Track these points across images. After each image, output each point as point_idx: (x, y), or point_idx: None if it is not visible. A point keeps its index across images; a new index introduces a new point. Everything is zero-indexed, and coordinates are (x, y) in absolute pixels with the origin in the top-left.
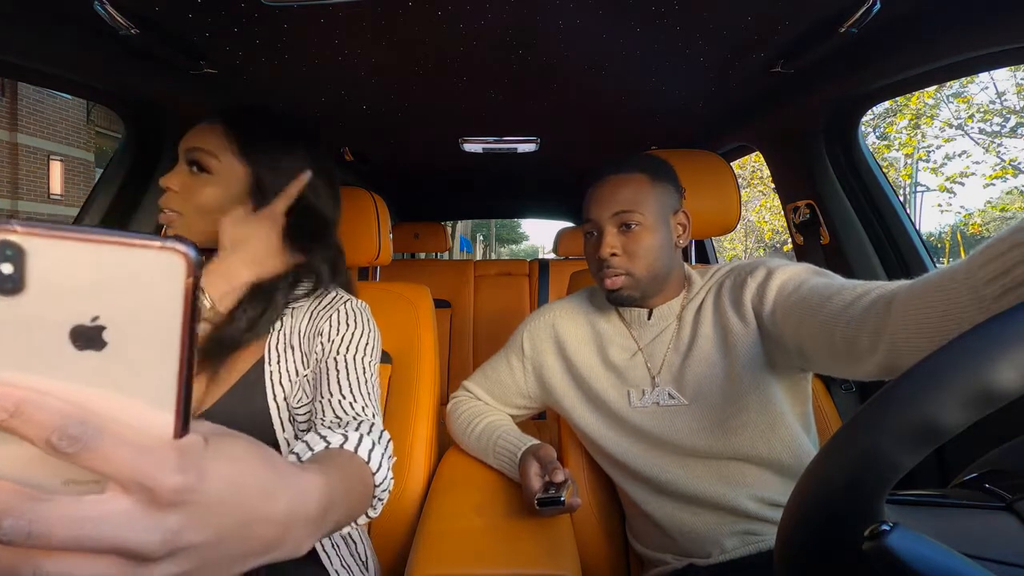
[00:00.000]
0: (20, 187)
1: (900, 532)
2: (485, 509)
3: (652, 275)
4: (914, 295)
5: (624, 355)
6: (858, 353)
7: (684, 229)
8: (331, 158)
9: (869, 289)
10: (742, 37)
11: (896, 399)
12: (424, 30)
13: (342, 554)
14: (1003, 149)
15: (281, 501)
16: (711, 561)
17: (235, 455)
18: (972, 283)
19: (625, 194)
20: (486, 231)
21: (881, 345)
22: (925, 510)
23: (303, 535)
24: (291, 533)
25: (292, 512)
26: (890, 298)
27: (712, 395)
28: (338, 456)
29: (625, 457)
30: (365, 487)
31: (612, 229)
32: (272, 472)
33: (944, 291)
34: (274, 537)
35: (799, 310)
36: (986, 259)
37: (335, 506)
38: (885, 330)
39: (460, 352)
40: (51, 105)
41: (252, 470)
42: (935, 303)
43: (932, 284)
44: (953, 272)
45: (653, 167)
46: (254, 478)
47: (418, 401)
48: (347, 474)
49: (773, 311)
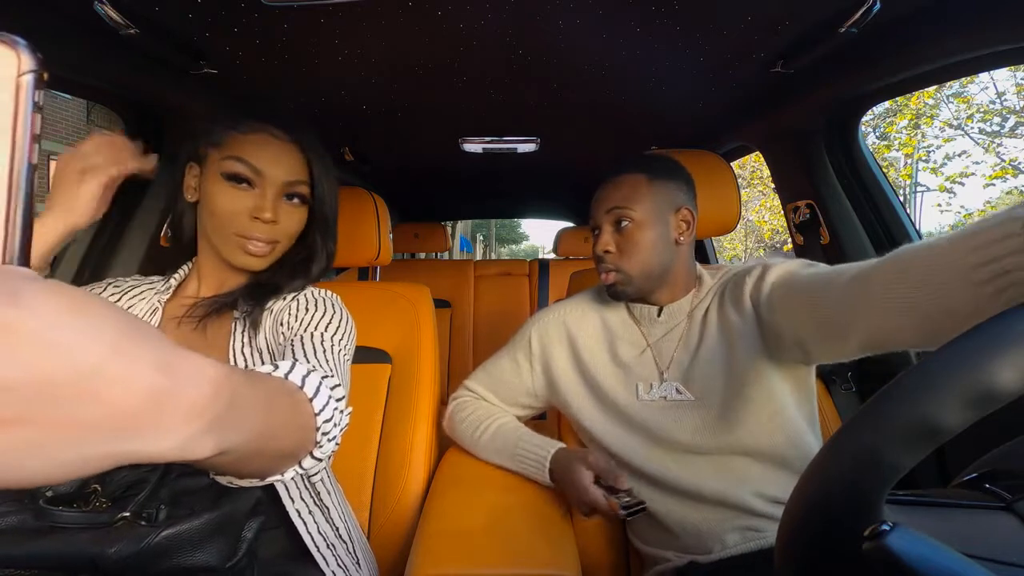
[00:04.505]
0: None
1: (900, 532)
2: (485, 509)
3: (645, 272)
4: (889, 270)
5: (633, 352)
6: (840, 330)
7: (687, 227)
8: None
9: (849, 269)
10: (742, 37)
11: (896, 399)
12: (424, 30)
13: (338, 554)
14: (1003, 149)
15: (143, 368)
16: (712, 557)
17: (84, 301)
18: (958, 264)
19: (620, 193)
20: (486, 231)
21: (859, 321)
22: (925, 510)
23: (181, 425)
24: (161, 417)
25: (161, 389)
26: (866, 274)
27: (717, 391)
28: (264, 376)
29: (628, 453)
30: (298, 409)
31: (608, 227)
32: (134, 332)
33: (924, 268)
34: (130, 411)
35: (790, 298)
36: (976, 244)
37: (241, 409)
38: (860, 305)
39: (460, 352)
40: (51, 105)
41: (103, 321)
42: (912, 278)
43: (906, 259)
44: (932, 251)
45: (653, 166)
46: (102, 330)
47: (418, 401)
48: (270, 388)
49: (769, 302)
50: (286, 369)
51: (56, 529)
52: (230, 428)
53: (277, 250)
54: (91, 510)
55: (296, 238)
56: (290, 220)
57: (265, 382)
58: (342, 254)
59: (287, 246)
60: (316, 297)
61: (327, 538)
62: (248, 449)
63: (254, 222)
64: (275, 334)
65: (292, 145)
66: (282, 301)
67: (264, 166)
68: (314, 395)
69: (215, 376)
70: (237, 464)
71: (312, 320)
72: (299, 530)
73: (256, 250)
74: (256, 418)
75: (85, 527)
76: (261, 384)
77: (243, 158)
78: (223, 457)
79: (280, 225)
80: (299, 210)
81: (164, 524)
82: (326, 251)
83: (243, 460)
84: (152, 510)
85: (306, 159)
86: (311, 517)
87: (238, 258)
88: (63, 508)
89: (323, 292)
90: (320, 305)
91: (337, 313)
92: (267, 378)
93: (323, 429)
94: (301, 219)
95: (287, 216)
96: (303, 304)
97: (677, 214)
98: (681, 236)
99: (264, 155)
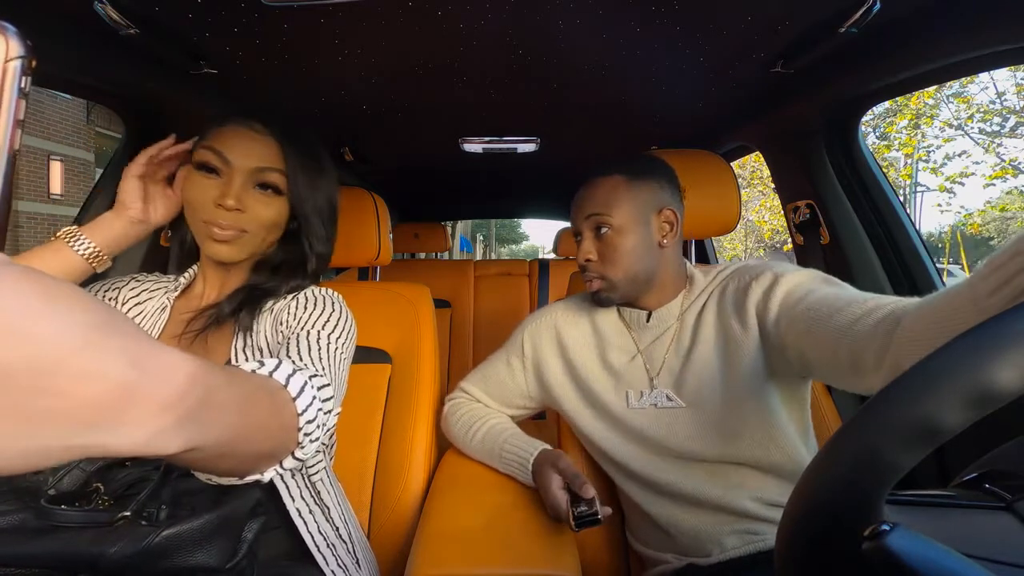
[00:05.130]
0: (20, 187)
1: (900, 532)
2: (485, 509)
3: (629, 278)
4: (921, 314)
5: (623, 357)
6: (862, 369)
7: (671, 228)
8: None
9: (880, 305)
10: (742, 37)
11: (896, 399)
12: (424, 30)
13: (338, 554)
14: (1003, 149)
15: (113, 361)
16: (711, 560)
17: (56, 289)
18: (974, 295)
19: (597, 197)
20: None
21: (886, 363)
22: (925, 510)
23: (149, 420)
24: (129, 412)
25: (131, 382)
26: (899, 316)
27: (710, 399)
28: (247, 374)
29: (624, 458)
30: (279, 409)
31: (589, 234)
32: (107, 324)
33: (950, 308)
34: (97, 404)
35: (805, 320)
36: (988, 271)
37: (215, 407)
38: (890, 348)
39: (460, 352)
40: (51, 105)
41: (74, 311)
42: (940, 320)
43: (939, 302)
44: (958, 288)
45: (634, 167)
46: (72, 320)
47: (418, 401)
48: (250, 386)
49: (778, 320)
50: (271, 368)
51: (57, 528)
52: (202, 425)
53: (247, 241)
54: (92, 509)
55: (273, 230)
56: (261, 209)
57: (246, 380)
58: (342, 254)
59: (262, 238)
60: (316, 295)
61: (327, 538)
62: (221, 447)
63: (218, 209)
64: (275, 332)
65: (267, 136)
66: (282, 300)
67: (232, 154)
68: (298, 395)
69: (188, 372)
70: (209, 461)
71: (310, 318)
72: (299, 529)
73: (219, 235)
74: (231, 417)
75: (86, 526)
76: (241, 382)
77: (214, 147)
78: (193, 454)
79: (247, 214)
80: (272, 200)
81: (165, 524)
82: (314, 252)
83: (216, 458)
84: (153, 510)
85: (281, 149)
86: (311, 517)
87: (207, 247)
88: (64, 507)
89: (324, 290)
90: (320, 303)
91: (336, 311)
92: (248, 376)
93: (305, 430)
94: (277, 211)
95: (257, 205)
96: (302, 302)
97: (659, 215)
98: (664, 238)
99: (234, 144)
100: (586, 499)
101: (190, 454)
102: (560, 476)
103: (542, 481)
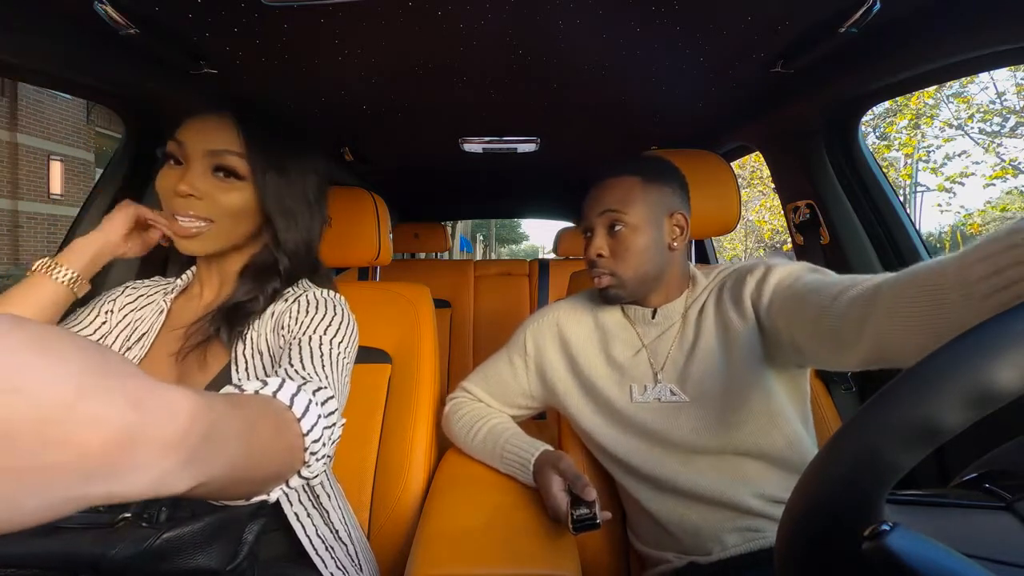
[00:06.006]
0: (20, 187)
1: (900, 532)
2: (485, 509)
3: (639, 277)
4: (900, 287)
5: (628, 352)
6: (844, 343)
7: (681, 231)
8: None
9: (857, 281)
10: (742, 37)
11: (896, 399)
12: (424, 30)
13: (337, 556)
14: (1003, 149)
15: (113, 405)
16: (712, 558)
17: (45, 337)
18: (963, 279)
19: (614, 195)
20: (486, 231)
21: (865, 336)
22: (925, 510)
23: (155, 461)
24: (134, 456)
25: (133, 425)
26: (875, 290)
27: (713, 392)
28: (249, 397)
29: (626, 455)
30: (284, 431)
31: (601, 230)
32: (102, 367)
33: (933, 285)
34: (100, 452)
35: (792, 304)
36: (981, 256)
37: (220, 440)
38: (868, 320)
39: (460, 352)
40: (51, 105)
41: (67, 358)
42: (922, 296)
43: (920, 277)
44: (943, 267)
45: (649, 169)
46: (67, 369)
47: (418, 401)
48: (253, 411)
49: (770, 306)
50: (274, 387)
51: (58, 529)
52: (208, 459)
53: (214, 232)
54: (93, 510)
55: (241, 220)
56: (220, 196)
57: (248, 405)
58: (342, 254)
59: (230, 228)
60: (317, 298)
61: (326, 541)
62: (229, 477)
63: (178, 198)
64: (276, 337)
65: (226, 119)
66: (283, 303)
67: (189, 139)
68: (303, 415)
69: (190, 408)
70: (218, 492)
71: (311, 323)
72: (297, 533)
73: (182, 230)
74: (237, 447)
75: (87, 527)
76: (244, 409)
77: (177, 137)
78: (202, 488)
79: (205, 201)
80: (234, 186)
81: (165, 526)
82: (284, 249)
83: (225, 488)
84: (154, 512)
85: (238, 131)
86: (310, 520)
87: (177, 242)
88: None
89: (326, 293)
90: (321, 307)
91: (338, 315)
92: (251, 400)
93: (311, 449)
94: (241, 198)
95: (215, 191)
96: (303, 306)
97: (671, 219)
98: (675, 241)
99: (194, 131)
100: (587, 501)
101: (198, 489)
102: (561, 477)
103: (543, 482)
